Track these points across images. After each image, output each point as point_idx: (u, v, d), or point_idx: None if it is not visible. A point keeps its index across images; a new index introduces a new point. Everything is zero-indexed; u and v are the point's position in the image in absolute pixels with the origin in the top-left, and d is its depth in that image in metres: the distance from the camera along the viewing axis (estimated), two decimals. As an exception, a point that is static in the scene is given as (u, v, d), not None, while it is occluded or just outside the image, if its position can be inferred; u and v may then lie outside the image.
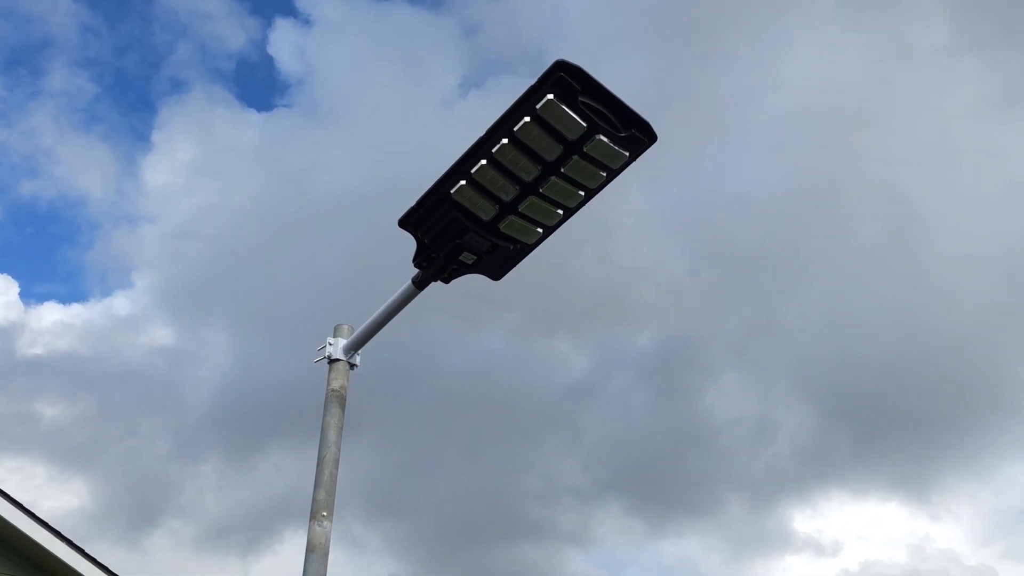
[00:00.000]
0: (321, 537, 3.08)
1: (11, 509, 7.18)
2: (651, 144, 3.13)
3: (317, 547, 3.06)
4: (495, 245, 3.31)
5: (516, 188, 3.13)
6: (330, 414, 3.38)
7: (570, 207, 3.26)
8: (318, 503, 3.16)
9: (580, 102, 2.96)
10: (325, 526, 3.11)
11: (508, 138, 3.01)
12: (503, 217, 3.21)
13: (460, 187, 3.11)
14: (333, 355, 3.54)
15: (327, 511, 3.15)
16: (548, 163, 3.08)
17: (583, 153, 3.07)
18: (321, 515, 3.13)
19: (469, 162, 3.08)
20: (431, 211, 3.21)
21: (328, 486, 3.21)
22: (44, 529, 7.30)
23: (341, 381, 3.48)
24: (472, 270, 3.41)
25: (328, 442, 3.31)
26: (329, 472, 3.24)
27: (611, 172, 3.17)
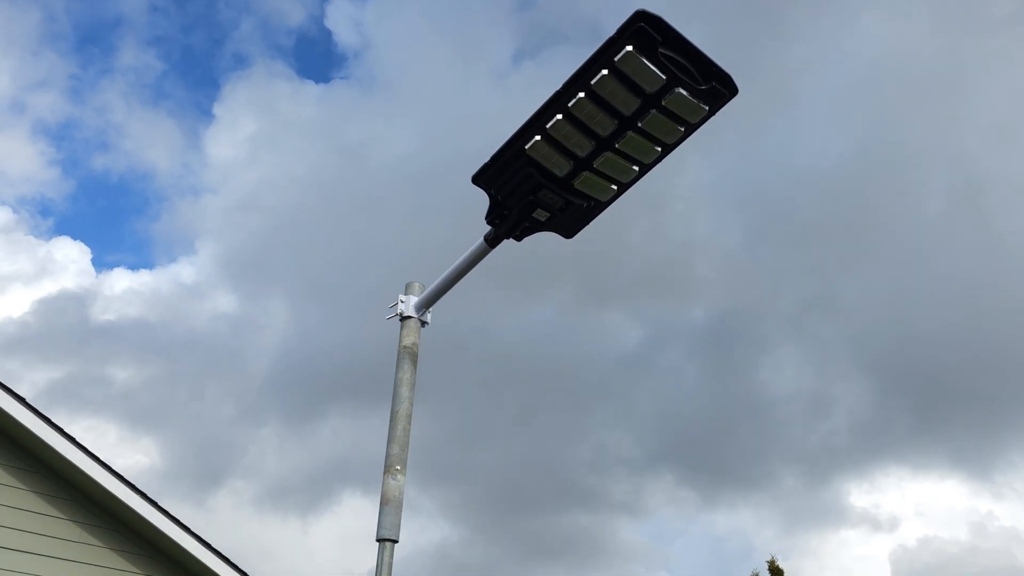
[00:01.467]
0: (395, 490, 3.12)
1: (89, 463, 7.48)
2: (732, 97, 3.04)
3: (391, 499, 3.10)
4: (568, 202, 3.26)
5: (591, 143, 3.08)
6: (402, 370, 3.41)
7: (646, 163, 3.19)
8: (391, 457, 3.20)
9: (660, 54, 2.88)
10: (399, 479, 3.15)
11: (584, 92, 2.95)
12: (577, 173, 3.17)
13: (535, 142, 3.07)
14: (405, 312, 3.55)
15: (400, 465, 3.19)
16: (625, 117, 3.02)
17: (661, 107, 2.99)
18: (395, 468, 3.17)
19: (544, 117, 3.03)
20: (505, 167, 3.18)
21: (401, 441, 3.24)
22: (121, 482, 7.58)
23: (413, 338, 3.50)
24: (545, 227, 3.38)
25: (401, 398, 3.34)
26: (402, 427, 3.27)
27: (689, 127, 3.09)
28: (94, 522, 7.58)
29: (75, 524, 7.47)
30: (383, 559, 3.03)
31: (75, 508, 7.51)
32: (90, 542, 7.50)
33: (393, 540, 3.07)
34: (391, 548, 3.05)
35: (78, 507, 7.53)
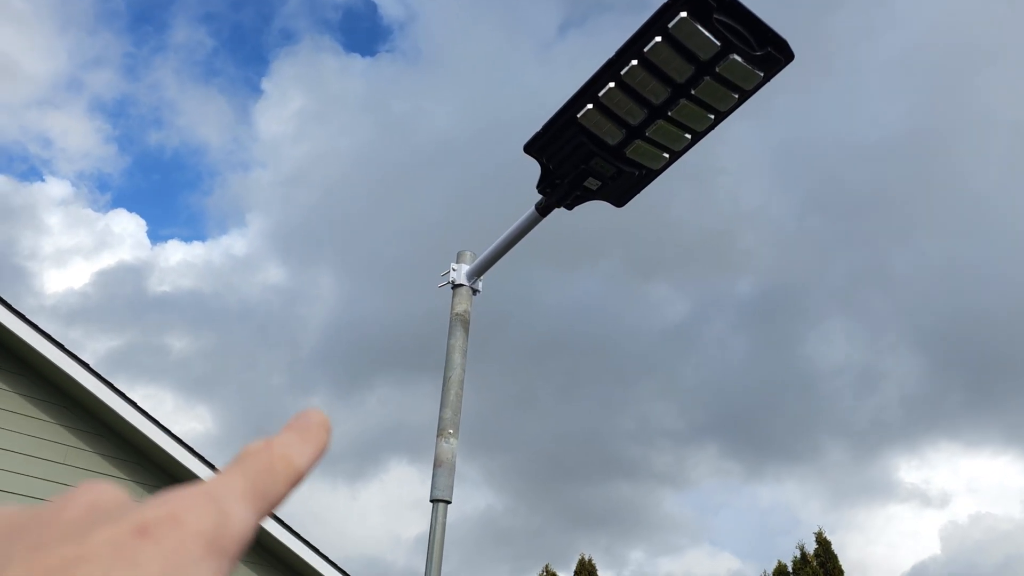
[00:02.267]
0: (448, 452, 3.20)
1: (150, 426, 7.76)
2: (788, 63, 3.00)
3: (444, 461, 3.18)
4: (620, 170, 3.27)
5: (644, 111, 3.07)
6: (455, 337, 3.47)
7: (698, 131, 3.18)
8: (444, 421, 3.27)
9: (714, 19, 2.85)
10: (451, 442, 3.22)
11: (638, 59, 2.94)
12: (630, 142, 3.16)
13: (587, 111, 3.08)
14: (456, 280, 3.61)
15: (453, 428, 3.26)
16: (678, 85, 3.00)
17: (715, 74, 2.97)
18: (448, 432, 3.24)
19: (597, 85, 3.03)
20: (557, 136, 3.19)
21: (454, 405, 3.31)
22: (180, 446, 7.86)
23: (465, 306, 3.55)
24: (596, 196, 3.39)
25: (453, 364, 3.41)
26: (455, 392, 3.34)
27: (744, 94, 3.06)
28: (156, 483, 7.87)
29: (139, 485, 7.78)
30: (437, 519, 3.11)
31: (138, 470, 7.82)
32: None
33: (446, 501, 3.15)
34: (444, 508, 3.13)
35: (141, 469, 7.83)
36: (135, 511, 0.25)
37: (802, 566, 21.92)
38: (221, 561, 0.25)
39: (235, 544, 0.26)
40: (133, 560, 0.24)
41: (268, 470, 0.29)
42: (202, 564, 0.24)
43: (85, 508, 0.27)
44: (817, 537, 22.78)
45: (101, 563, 0.23)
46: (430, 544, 3.07)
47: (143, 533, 0.24)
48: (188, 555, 0.24)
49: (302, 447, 0.31)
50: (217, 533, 0.25)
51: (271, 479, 0.29)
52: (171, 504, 0.26)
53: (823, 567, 22.02)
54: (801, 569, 21.80)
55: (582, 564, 23.37)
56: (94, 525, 0.25)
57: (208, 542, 0.25)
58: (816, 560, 22.12)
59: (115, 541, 0.24)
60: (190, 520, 0.25)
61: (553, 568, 23.48)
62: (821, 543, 22.59)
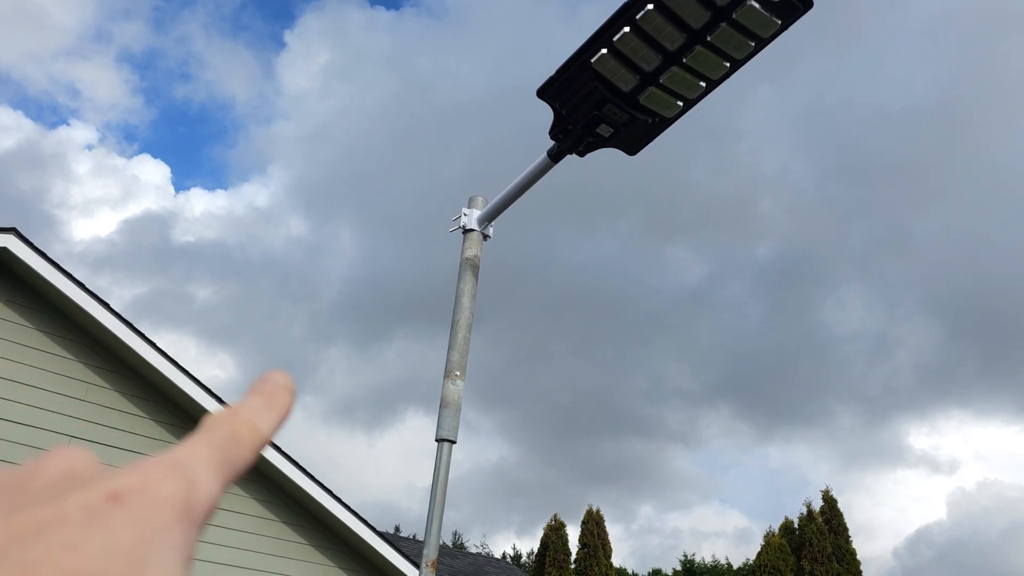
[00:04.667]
0: (454, 393, 3.25)
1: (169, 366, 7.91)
2: (806, 11, 2.95)
3: (450, 402, 3.24)
4: (633, 118, 3.25)
5: (659, 58, 3.05)
6: (464, 281, 3.50)
7: (713, 79, 3.14)
8: (452, 363, 3.32)
9: (733, -36, 2.81)
10: (458, 384, 3.28)
11: (653, 4, 2.90)
12: (643, 88, 3.14)
13: (601, 56, 3.05)
14: (468, 225, 3.63)
15: (460, 371, 3.31)
16: (694, 31, 2.97)
17: (732, 20, 2.93)
18: (455, 374, 3.29)
19: (611, 30, 3.00)
20: (570, 81, 3.17)
21: (461, 348, 3.35)
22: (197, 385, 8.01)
23: (475, 250, 3.58)
24: (608, 143, 3.38)
25: (462, 307, 3.44)
26: (463, 335, 3.38)
27: (760, 41, 3.02)
28: (173, 421, 8.05)
29: (156, 423, 7.96)
30: (441, 458, 3.18)
31: (156, 408, 7.99)
32: (170, 440, 7.98)
33: (451, 440, 3.21)
34: (449, 448, 3.20)
35: (159, 407, 8.00)
36: (108, 478, 0.27)
37: (808, 523, 22.15)
38: (189, 528, 0.26)
39: (202, 511, 0.27)
40: (106, 525, 0.25)
41: (234, 437, 0.30)
42: (171, 530, 0.26)
43: (58, 473, 0.28)
44: (824, 495, 22.97)
45: (74, 527, 0.24)
46: (434, 483, 3.14)
47: (115, 499, 0.25)
48: (158, 522, 0.26)
49: (266, 412, 0.32)
50: (186, 501, 0.27)
51: (237, 446, 0.30)
52: (142, 473, 0.27)
53: (828, 524, 22.24)
54: (807, 525, 22.04)
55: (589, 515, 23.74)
56: (68, 490, 0.26)
57: (177, 510, 0.26)
58: (822, 517, 22.33)
59: (88, 506, 0.25)
60: (160, 488, 0.26)
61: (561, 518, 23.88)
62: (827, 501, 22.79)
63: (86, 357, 7.74)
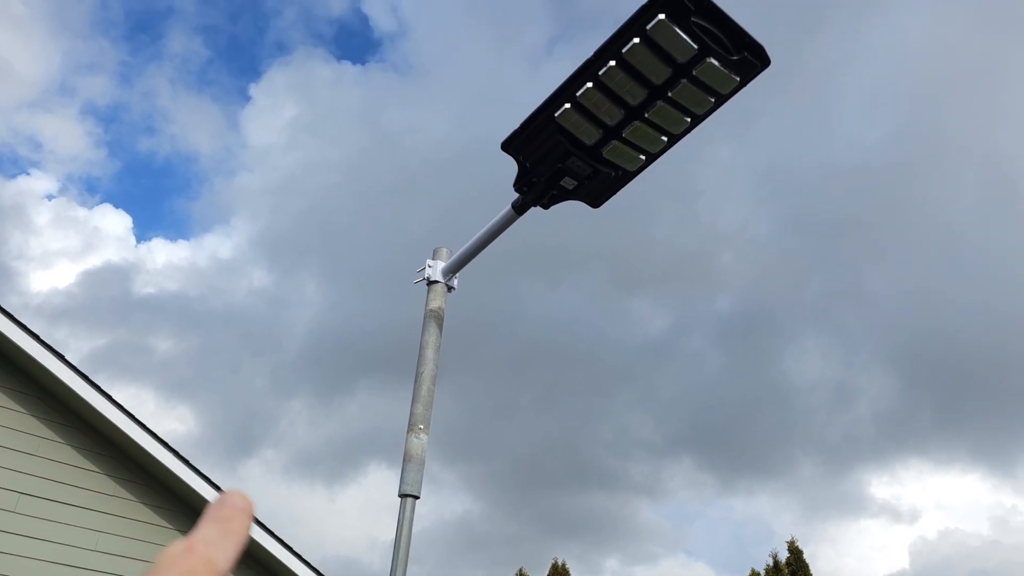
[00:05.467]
0: (417, 448, 3.19)
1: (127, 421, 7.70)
2: (764, 69, 3.03)
3: (414, 456, 3.18)
4: (597, 171, 3.28)
5: (621, 112, 3.09)
6: (428, 333, 3.47)
7: (675, 133, 3.20)
8: (415, 416, 3.27)
9: (692, 23, 2.88)
10: (422, 438, 3.22)
11: (616, 60, 2.96)
12: (606, 142, 3.18)
13: (564, 110, 3.09)
14: (432, 277, 3.61)
15: (423, 424, 3.26)
16: (656, 87, 3.02)
17: (692, 77, 2.99)
18: (418, 427, 3.24)
19: (575, 85, 3.05)
20: (534, 134, 3.20)
21: (425, 400, 3.31)
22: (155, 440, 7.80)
23: (439, 302, 3.55)
24: (572, 196, 3.40)
25: (426, 359, 3.41)
26: (426, 388, 3.34)
27: (720, 97, 3.09)
28: (129, 477, 7.81)
29: (111, 478, 7.71)
30: (404, 514, 3.11)
31: (111, 463, 7.75)
32: (124, 496, 7.74)
33: (415, 496, 3.14)
34: (412, 503, 3.13)
35: (114, 462, 7.76)
36: None
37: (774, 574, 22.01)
38: None
39: None
40: None
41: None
42: None
43: None
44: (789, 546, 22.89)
45: None
46: (397, 539, 3.06)
47: None
48: None
49: (223, 543, 0.31)
50: None
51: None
52: None
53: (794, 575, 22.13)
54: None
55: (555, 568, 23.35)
56: None
57: None
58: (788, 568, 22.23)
59: None
60: None
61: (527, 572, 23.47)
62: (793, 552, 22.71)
63: (39, 411, 7.51)
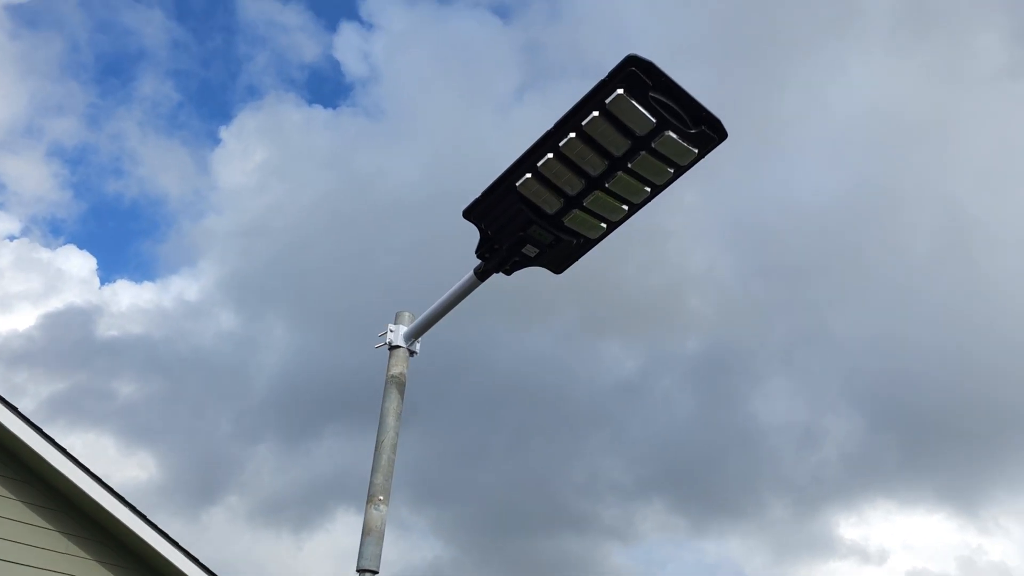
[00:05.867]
0: (377, 520, 3.13)
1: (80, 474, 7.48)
2: (721, 141, 3.08)
3: (373, 529, 3.11)
4: (558, 238, 3.30)
5: (582, 182, 3.12)
6: (389, 400, 3.43)
7: (635, 203, 3.23)
8: (375, 487, 3.21)
9: (650, 97, 2.92)
10: (381, 509, 3.16)
11: (576, 132, 2.99)
12: (567, 211, 3.20)
13: (525, 180, 3.11)
14: (393, 341, 3.58)
15: (383, 495, 3.20)
16: (615, 158, 3.05)
17: (651, 149, 3.03)
18: (378, 499, 3.18)
19: (535, 155, 3.07)
20: (496, 203, 3.21)
21: (385, 470, 3.25)
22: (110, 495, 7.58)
23: (401, 368, 3.52)
24: (534, 263, 3.41)
25: (386, 427, 3.36)
26: (387, 457, 3.29)
27: (679, 168, 3.13)
28: (81, 533, 7.56)
29: (63, 535, 7.46)
30: (363, 590, 3.04)
31: (63, 519, 7.50)
32: (77, 553, 7.48)
33: (373, 571, 3.08)
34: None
35: (67, 518, 7.52)
36: None
37: (746, 617, 21.88)
38: None
39: None
40: None
41: None
42: None
43: None
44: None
45: None
46: (355, 616, 2.99)
47: None
48: None
49: None
50: None
51: None
52: None
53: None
54: (745, 620, 21.76)
55: (527, 614, 23.01)
56: None
57: None
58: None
59: None
60: None
61: (498, 617, 23.10)
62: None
63: (-12, 465, 7.27)
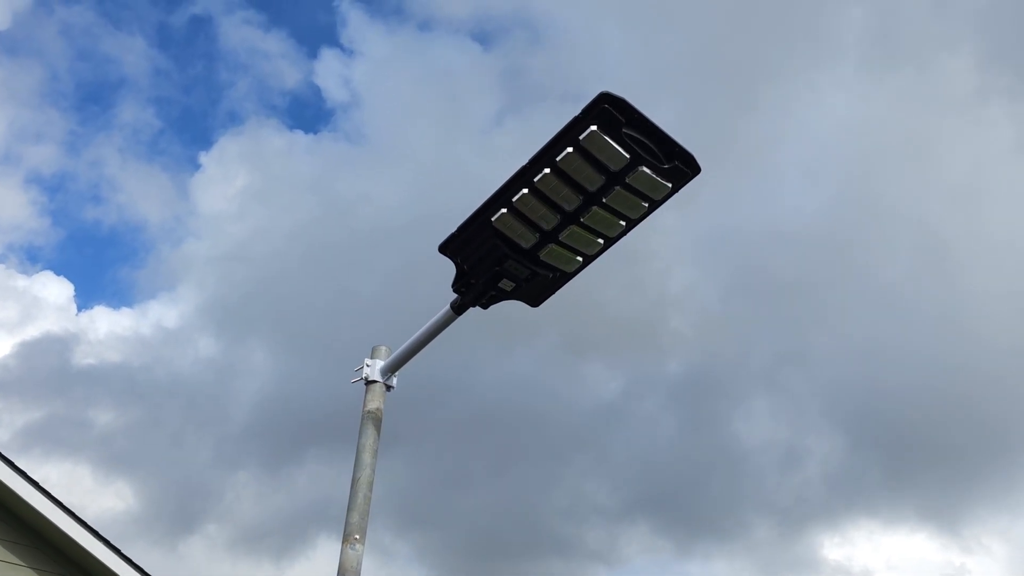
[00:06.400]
0: (353, 560, 3.09)
1: (52, 507, 7.33)
2: (695, 176, 3.10)
3: (348, 570, 3.07)
4: (534, 272, 3.30)
5: (557, 217, 3.13)
6: (365, 436, 3.39)
7: (611, 236, 3.24)
8: (351, 525, 3.17)
9: (624, 133, 2.94)
10: (357, 549, 3.12)
11: (550, 168, 3.00)
12: (543, 245, 3.21)
13: (501, 215, 3.11)
14: (370, 376, 3.55)
15: (359, 534, 3.16)
16: (590, 193, 3.07)
17: (625, 184, 3.05)
18: (354, 538, 3.14)
19: (510, 191, 3.07)
20: (471, 238, 3.21)
21: (362, 509, 3.21)
22: (83, 528, 7.43)
23: (377, 403, 3.49)
24: (511, 296, 3.40)
25: (363, 464, 3.32)
26: (363, 495, 3.25)
27: (653, 203, 3.15)
28: (54, 569, 7.40)
29: (35, 571, 7.30)
30: (339, 632, 2.98)
31: (35, 554, 7.34)
32: (49, 590, 7.33)
33: (350, 613, 3.03)
34: (348, 620, 3.01)
35: (38, 553, 7.36)
36: None
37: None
38: None
39: None
40: None
41: None
42: None
43: None
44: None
45: None
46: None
47: None
48: None
49: None
50: None
51: None
52: None
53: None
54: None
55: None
56: None
57: None
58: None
59: None
60: None
61: (480, 644, 22.84)
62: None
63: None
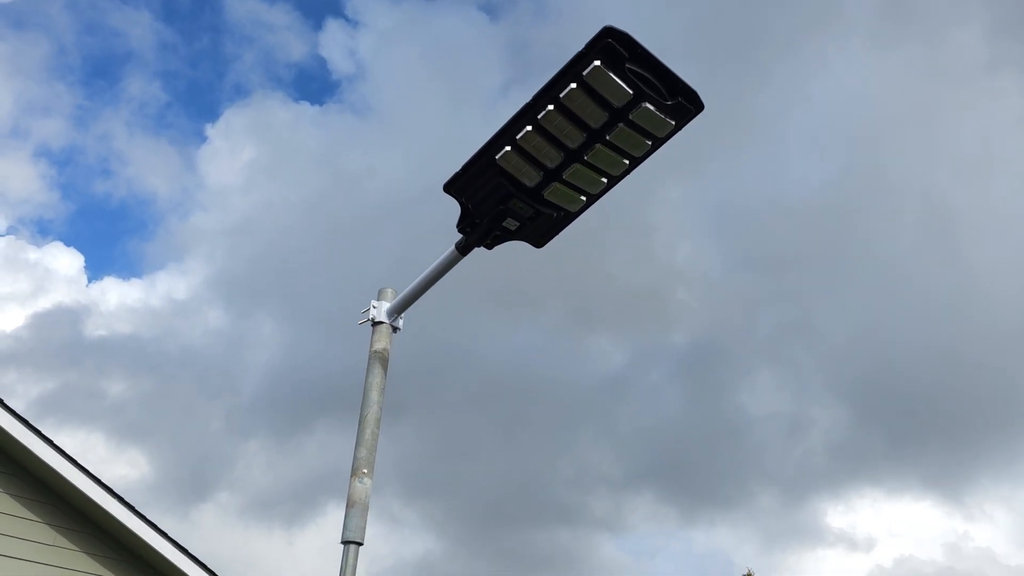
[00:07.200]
0: (361, 492, 3.16)
1: (68, 466, 7.47)
2: (698, 113, 3.11)
3: (357, 502, 3.14)
4: (539, 212, 3.32)
5: (561, 155, 3.14)
6: (372, 374, 3.45)
7: (614, 175, 3.26)
8: (359, 460, 3.24)
9: (627, 69, 2.95)
10: (365, 482, 3.18)
11: (554, 104, 3.01)
12: (547, 184, 3.22)
13: (505, 153, 3.13)
14: (376, 318, 3.60)
15: (367, 468, 3.22)
16: (593, 130, 3.08)
17: (629, 121, 3.06)
18: (362, 472, 3.20)
19: (515, 128, 3.09)
20: (476, 177, 3.23)
21: (369, 444, 3.28)
22: (99, 486, 7.57)
23: (384, 343, 3.54)
24: (515, 236, 3.43)
25: (370, 401, 3.38)
26: (371, 431, 3.31)
27: (657, 140, 3.16)
28: (71, 526, 7.55)
29: (51, 527, 7.45)
30: (347, 562, 3.06)
31: (52, 512, 7.49)
32: (66, 546, 7.47)
33: (358, 543, 3.10)
34: (356, 551, 3.08)
35: (55, 511, 7.51)
36: None
37: (737, 607, 21.97)
38: None
39: None
40: None
41: None
42: None
43: None
44: None
45: None
46: (340, 587, 3.01)
47: None
48: None
49: None
50: None
51: None
52: None
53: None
54: (737, 610, 21.84)
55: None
56: None
57: None
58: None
59: None
60: None
61: (491, 612, 23.12)
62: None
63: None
